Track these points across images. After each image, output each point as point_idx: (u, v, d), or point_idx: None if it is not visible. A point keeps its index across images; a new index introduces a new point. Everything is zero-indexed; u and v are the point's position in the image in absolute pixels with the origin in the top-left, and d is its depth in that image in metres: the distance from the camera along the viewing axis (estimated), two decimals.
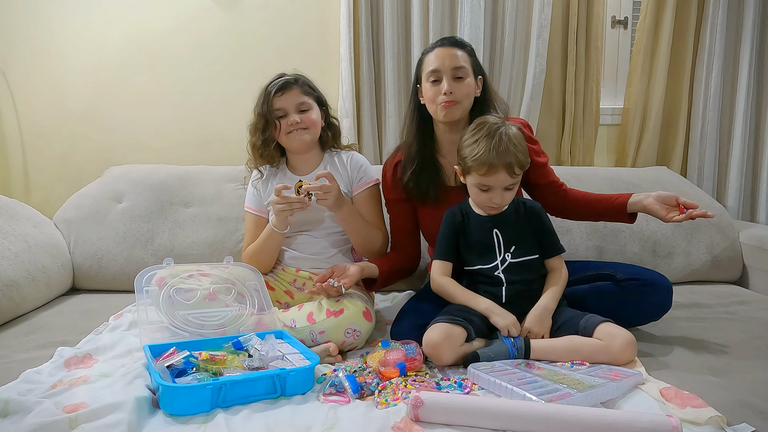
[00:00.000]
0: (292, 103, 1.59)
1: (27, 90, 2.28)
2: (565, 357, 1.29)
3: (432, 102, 1.52)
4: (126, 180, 2.11)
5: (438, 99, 1.50)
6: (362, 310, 1.44)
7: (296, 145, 1.61)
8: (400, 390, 1.16)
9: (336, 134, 1.71)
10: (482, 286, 1.43)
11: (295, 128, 1.58)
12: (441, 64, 1.49)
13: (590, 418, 0.98)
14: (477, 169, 1.37)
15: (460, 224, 1.48)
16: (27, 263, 1.70)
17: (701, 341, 1.44)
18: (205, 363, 1.18)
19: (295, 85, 1.60)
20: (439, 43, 1.55)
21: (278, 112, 1.59)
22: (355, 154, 1.72)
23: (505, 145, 1.36)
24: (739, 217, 2.42)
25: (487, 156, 1.35)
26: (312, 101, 1.62)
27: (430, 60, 1.52)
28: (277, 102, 1.58)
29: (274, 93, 1.58)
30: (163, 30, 2.29)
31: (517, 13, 2.27)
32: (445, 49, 1.51)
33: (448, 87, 1.48)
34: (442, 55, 1.50)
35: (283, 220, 1.52)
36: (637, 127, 2.40)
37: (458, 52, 1.51)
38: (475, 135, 1.40)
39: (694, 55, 2.39)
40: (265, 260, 1.65)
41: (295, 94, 1.59)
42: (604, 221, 1.71)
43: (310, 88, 1.64)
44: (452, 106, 1.49)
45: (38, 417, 0.98)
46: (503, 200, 1.41)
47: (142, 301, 1.37)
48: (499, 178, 1.37)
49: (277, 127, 1.59)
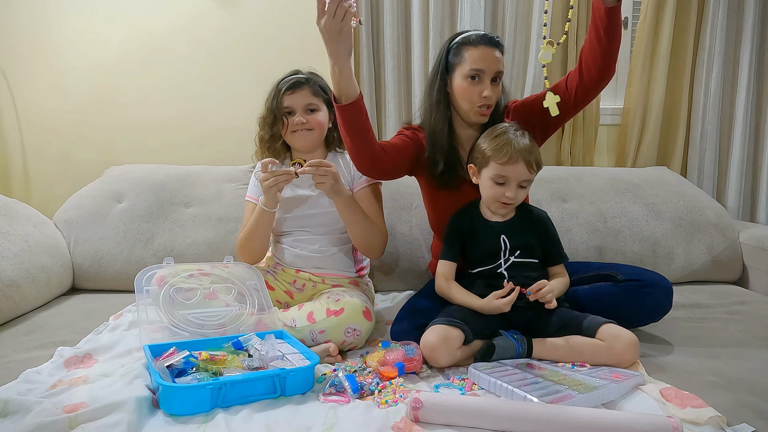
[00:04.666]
0: (300, 102, 1.59)
1: (27, 90, 2.28)
2: (567, 357, 1.29)
3: (467, 100, 1.49)
4: (126, 180, 2.11)
5: (475, 100, 1.48)
6: (362, 310, 1.44)
7: (299, 144, 1.63)
8: (400, 390, 1.16)
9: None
10: (483, 281, 1.44)
11: (300, 128, 1.59)
12: (487, 66, 1.46)
13: (591, 419, 0.98)
14: (498, 157, 1.39)
15: (468, 229, 1.49)
16: (27, 263, 1.70)
17: (701, 341, 1.44)
18: (205, 363, 1.18)
19: (306, 85, 1.61)
20: (485, 41, 1.48)
21: (286, 110, 1.60)
22: None
23: (526, 142, 1.40)
24: (739, 217, 2.42)
25: (510, 147, 1.38)
26: (321, 102, 1.63)
27: (474, 56, 1.47)
28: (286, 99, 1.60)
29: (284, 90, 1.59)
30: (163, 30, 2.29)
31: (517, 13, 2.27)
32: (491, 50, 1.47)
33: (490, 91, 1.47)
34: (488, 57, 1.47)
35: (272, 196, 1.50)
36: (637, 127, 2.40)
37: (499, 55, 1.49)
38: (495, 131, 1.43)
39: (694, 56, 2.39)
40: (257, 245, 1.61)
41: (304, 94, 1.60)
42: (609, 33, 1.36)
43: (321, 89, 1.64)
44: (488, 113, 1.50)
45: (38, 417, 0.98)
46: (516, 197, 1.42)
47: (142, 301, 1.37)
48: (518, 170, 1.39)
49: (284, 124, 1.60)
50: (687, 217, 2.10)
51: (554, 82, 2.30)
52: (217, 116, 2.34)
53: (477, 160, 1.45)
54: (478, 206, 1.51)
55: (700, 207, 2.13)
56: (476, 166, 1.46)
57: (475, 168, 1.46)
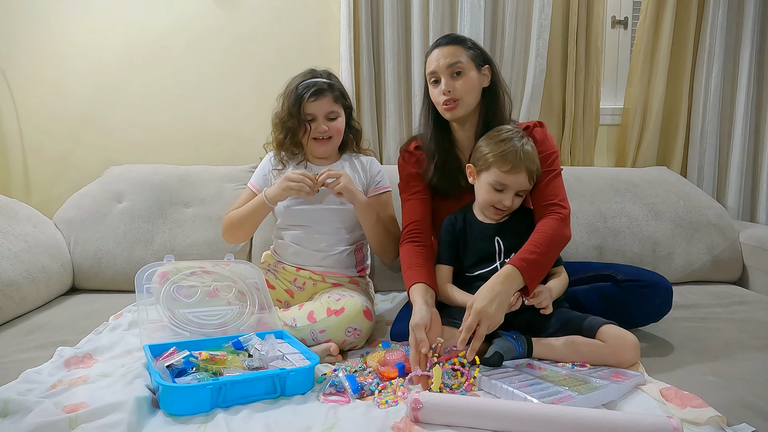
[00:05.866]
0: (323, 110, 1.58)
1: (27, 90, 2.28)
2: (568, 357, 1.29)
3: (435, 102, 1.52)
4: (126, 180, 2.11)
5: (440, 99, 1.49)
6: (363, 309, 1.44)
7: (320, 152, 1.64)
8: (400, 390, 1.16)
9: (357, 138, 1.73)
10: (480, 283, 1.43)
11: (322, 136, 1.59)
12: (437, 65, 1.49)
13: (591, 420, 0.98)
14: (500, 165, 1.38)
15: (460, 231, 1.49)
16: (27, 263, 1.70)
17: (701, 341, 1.44)
18: (205, 363, 1.18)
19: (329, 91, 1.59)
20: (435, 44, 1.54)
21: (308, 117, 1.59)
22: (374, 160, 1.74)
23: (530, 151, 1.40)
24: (739, 217, 2.42)
25: (515, 155, 1.37)
26: (340, 108, 1.62)
27: (429, 62, 1.52)
28: (308, 107, 1.57)
29: (308, 97, 1.56)
30: (163, 30, 2.29)
31: (517, 13, 2.27)
32: (440, 49, 1.50)
33: (445, 86, 1.47)
34: (437, 56, 1.50)
35: (283, 195, 1.52)
36: (637, 127, 2.40)
37: (453, 49, 1.49)
38: (501, 136, 1.42)
39: (694, 55, 2.39)
40: (245, 228, 1.64)
41: (327, 102, 1.59)
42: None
43: (342, 95, 1.64)
44: (454, 107, 1.48)
45: (38, 417, 0.98)
46: (513, 205, 1.42)
47: (142, 300, 1.37)
48: (519, 179, 1.39)
49: (306, 130, 1.59)
50: (687, 217, 2.10)
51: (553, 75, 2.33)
52: (217, 116, 2.34)
53: (478, 163, 1.44)
54: (471, 209, 1.51)
55: (700, 207, 2.13)
56: (476, 167, 1.45)
57: (474, 169, 1.46)
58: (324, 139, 1.61)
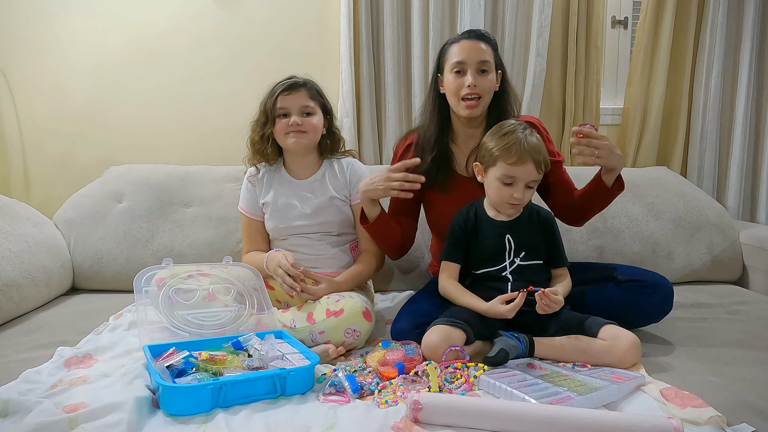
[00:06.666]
0: (296, 104, 1.59)
1: (27, 90, 2.28)
2: (569, 356, 1.29)
3: (454, 94, 1.51)
4: (126, 180, 2.11)
5: (461, 92, 1.49)
6: (362, 310, 1.43)
7: (293, 146, 1.61)
8: (400, 390, 1.16)
9: (335, 144, 1.71)
10: (487, 283, 1.43)
11: (294, 129, 1.58)
12: (467, 57, 1.48)
13: (591, 420, 0.98)
14: (506, 157, 1.37)
15: (471, 227, 1.47)
16: (27, 263, 1.70)
17: (701, 341, 1.44)
18: (204, 363, 1.18)
19: (303, 87, 1.61)
20: (465, 35, 1.53)
21: (281, 111, 1.59)
22: (355, 163, 1.71)
23: (535, 142, 1.39)
24: (739, 217, 2.42)
25: (519, 147, 1.36)
26: (317, 106, 1.62)
27: (455, 51, 1.51)
28: (281, 101, 1.59)
29: (281, 92, 1.59)
30: (163, 30, 2.29)
31: (517, 13, 2.27)
32: (472, 42, 1.50)
33: (473, 80, 1.47)
34: (468, 48, 1.49)
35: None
36: (637, 127, 2.40)
37: (484, 46, 1.50)
38: (503, 130, 1.41)
39: (694, 55, 2.39)
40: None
41: (301, 96, 1.60)
42: (600, 207, 1.59)
43: (318, 93, 1.64)
44: (476, 105, 1.49)
45: (38, 417, 0.98)
46: (524, 197, 1.40)
47: (141, 301, 1.37)
48: (526, 170, 1.38)
49: (275, 124, 1.59)
50: (687, 217, 2.10)
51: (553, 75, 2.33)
52: (217, 116, 2.34)
53: (483, 159, 1.43)
54: (482, 204, 1.50)
55: (700, 207, 2.13)
56: (482, 164, 1.44)
57: (481, 167, 1.45)
58: (297, 133, 1.59)
